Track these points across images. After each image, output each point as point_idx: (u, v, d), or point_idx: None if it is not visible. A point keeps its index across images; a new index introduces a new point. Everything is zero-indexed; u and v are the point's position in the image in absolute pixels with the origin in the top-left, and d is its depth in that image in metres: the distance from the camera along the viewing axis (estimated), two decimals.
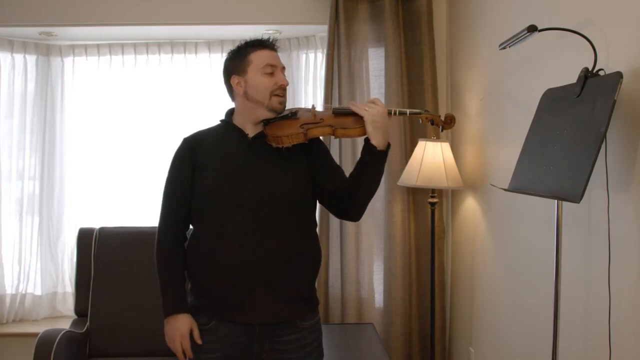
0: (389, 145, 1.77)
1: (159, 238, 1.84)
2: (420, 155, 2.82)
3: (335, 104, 3.11)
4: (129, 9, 3.21)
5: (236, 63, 1.84)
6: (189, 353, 1.78)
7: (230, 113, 1.90)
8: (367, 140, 1.76)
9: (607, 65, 1.58)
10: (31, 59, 3.52)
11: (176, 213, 1.84)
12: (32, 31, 3.32)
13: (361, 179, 1.77)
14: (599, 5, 1.70)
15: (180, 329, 1.76)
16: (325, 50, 3.23)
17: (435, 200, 2.92)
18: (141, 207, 3.57)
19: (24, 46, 3.50)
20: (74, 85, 3.60)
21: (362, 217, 1.88)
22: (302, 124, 1.79)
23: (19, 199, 3.52)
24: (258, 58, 1.81)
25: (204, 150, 1.82)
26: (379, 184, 1.82)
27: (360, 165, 1.77)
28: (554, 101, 1.75)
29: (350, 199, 1.80)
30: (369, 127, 1.73)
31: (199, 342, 1.77)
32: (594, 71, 1.58)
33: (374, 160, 1.75)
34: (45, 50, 3.56)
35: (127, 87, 3.59)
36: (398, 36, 3.10)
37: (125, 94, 3.60)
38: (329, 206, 1.89)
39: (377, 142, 1.73)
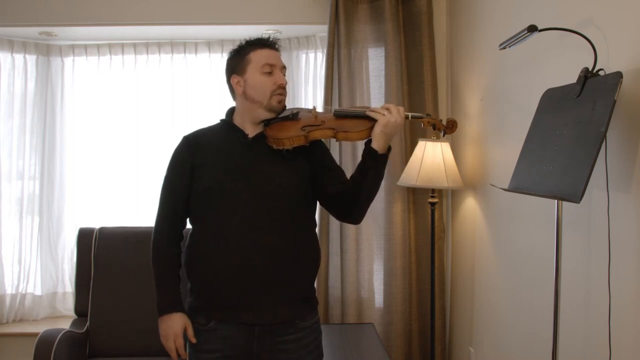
0: (389, 149, 1.76)
1: (156, 236, 1.84)
2: (420, 155, 2.82)
3: (336, 105, 3.11)
4: (129, 9, 3.21)
5: (236, 62, 1.84)
6: (182, 352, 1.78)
7: (231, 112, 1.90)
8: (367, 144, 1.74)
9: (607, 65, 1.58)
10: (31, 59, 3.52)
11: (173, 210, 1.83)
12: (32, 31, 3.32)
13: (362, 182, 1.75)
14: (599, 5, 1.70)
15: (174, 327, 1.76)
16: (325, 50, 3.23)
17: (435, 200, 2.92)
18: (141, 207, 3.57)
19: (24, 46, 3.50)
20: (74, 85, 3.60)
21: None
22: (303, 126, 1.77)
23: (19, 199, 3.52)
24: (257, 57, 1.80)
25: (203, 149, 1.82)
26: (379, 186, 1.81)
27: (361, 169, 1.76)
28: (554, 101, 1.75)
29: (351, 201, 1.79)
30: (377, 129, 1.71)
31: (193, 340, 1.77)
32: (594, 71, 1.58)
33: (374, 164, 1.73)
34: (45, 50, 3.56)
35: (127, 87, 3.59)
36: (398, 36, 3.10)
37: (125, 94, 3.60)
38: (330, 208, 1.88)
39: (378, 145, 1.71)
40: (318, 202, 1.89)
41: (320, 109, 1.88)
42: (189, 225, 1.88)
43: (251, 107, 1.82)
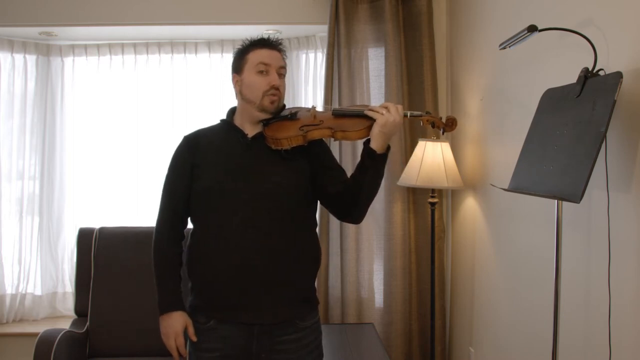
0: (388, 148, 1.75)
1: (157, 236, 1.85)
2: (420, 155, 2.82)
3: (336, 105, 3.11)
4: (129, 9, 3.21)
5: (236, 61, 1.85)
6: (183, 351, 1.79)
7: (232, 112, 1.90)
8: (366, 143, 1.74)
9: (607, 65, 1.58)
10: (31, 59, 3.52)
11: (174, 210, 1.84)
12: (32, 31, 3.32)
13: (362, 182, 1.75)
14: (599, 5, 1.70)
15: (174, 326, 1.78)
16: (325, 50, 3.23)
17: (435, 200, 2.92)
18: (141, 207, 3.57)
19: (24, 46, 3.50)
20: (74, 85, 3.60)
21: None
22: (302, 126, 1.77)
23: (19, 199, 3.52)
24: (254, 57, 1.80)
25: (203, 149, 1.82)
26: (379, 186, 1.81)
27: (361, 169, 1.75)
28: (554, 101, 1.75)
29: (351, 201, 1.78)
30: (376, 129, 1.70)
31: (194, 339, 1.78)
32: (594, 71, 1.58)
33: (374, 164, 1.73)
34: (45, 50, 3.56)
35: (127, 87, 3.59)
36: (398, 36, 3.10)
37: (125, 94, 3.60)
38: (330, 207, 1.88)
39: (377, 145, 1.70)
40: (319, 202, 1.89)
41: (320, 109, 1.88)
42: (190, 225, 1.89)
43: (247, 107, 1.82)
